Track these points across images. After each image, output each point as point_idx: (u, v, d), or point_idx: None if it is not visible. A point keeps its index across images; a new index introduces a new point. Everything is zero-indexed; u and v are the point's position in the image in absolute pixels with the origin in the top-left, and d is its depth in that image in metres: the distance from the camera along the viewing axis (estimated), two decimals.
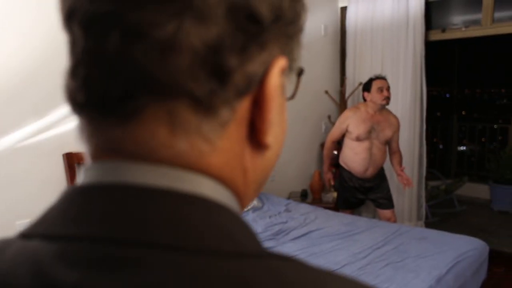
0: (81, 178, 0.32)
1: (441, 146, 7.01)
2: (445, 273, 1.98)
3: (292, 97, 0.39)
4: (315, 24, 4.09)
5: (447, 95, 8.15)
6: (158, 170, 0.28)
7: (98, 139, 0.31)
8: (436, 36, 3.88)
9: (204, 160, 0.30)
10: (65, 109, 2.53)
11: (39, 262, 0.26)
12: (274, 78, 0.31)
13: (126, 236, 0.26)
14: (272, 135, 0.33)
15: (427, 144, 4.04)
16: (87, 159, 0.33)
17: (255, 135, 0.32)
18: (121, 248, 0.25)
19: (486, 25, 3.60)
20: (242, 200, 0.34)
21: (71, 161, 2.52)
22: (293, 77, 0.37)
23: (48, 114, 2.46)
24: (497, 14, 3.57)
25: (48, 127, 2.48)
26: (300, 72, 0.38)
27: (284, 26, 0.32)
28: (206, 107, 0.29)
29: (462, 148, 6.78)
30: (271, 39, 0.31)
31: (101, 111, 0.29)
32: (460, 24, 3.81)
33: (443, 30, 3.84)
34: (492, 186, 5.14)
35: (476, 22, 3.71)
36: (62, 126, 2.53)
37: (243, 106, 0.31)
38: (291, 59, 0.35)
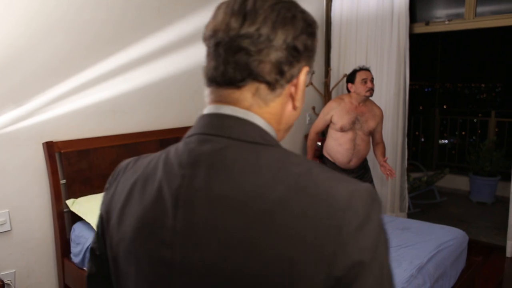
0: (205, 111, 0.66)
1: (422, 139, 7.10)
2: (426, 262, 2.00)
3: (307, 85, 0.68)
4: None
5: (428, 89, 8.25)
6: (238, 109, 0.62)
7: (215, 95, 0.65)
8: (420, 29, 3.91)
9: (261, 109, 0.63)
10: (44, 97, 2.46)
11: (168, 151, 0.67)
12: (303, 76, 0.65)
13: (212, 133, 0.62)
14: (299, 103, 0.67)
15: (409, 137, 4.07)
16: (206, 104, 0.67)
17: (291, 102, 0.66)
18: (209, 136, 0.61)
19: (469, 19, 3.64)
20: (277, 132, 0.66)
21: (51, 150, 2.46)
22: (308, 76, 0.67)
23: (27, 102, 2.40)
24: (480, 9, 3.61)
25: (27, 115, 2.41)
26: (312, 73, 0.70)
27: (307, 52, 0.65)
28: (272, 87, 0.63)
29: (444, 141, 6.89)
30: (302, 58, 0.64)
31: (222, 84, 0.63)
32: (443, 18, 3.84)
33: (427, 23, 3.87)
34: (472, 177, 5.24)
35: (459, 16, 3.74)
36: (42, 114, 2.47)
37: (288, 88, 0.65)
38: (310, 67, 0.66)
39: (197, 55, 3.21)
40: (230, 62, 0.61)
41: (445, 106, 7.91)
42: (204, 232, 0.57)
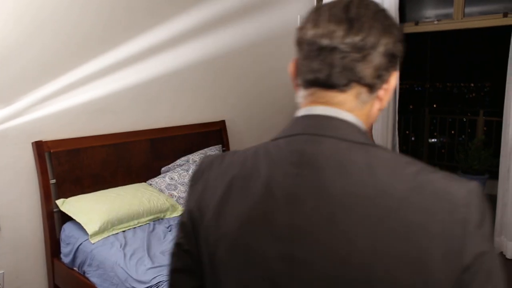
0: (301, 111, 0.68)
1: (413, 138, 7.16)
2: None
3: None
4: (292, 15, 4.08)
5: (419, 89, 8.32)
6: (343, 112, 0.65)
7: (316, 97, 0.67)
8: (410, 28, 3.94)
9: (360, 112, 0.67)
10: (33, 96, 2.44)
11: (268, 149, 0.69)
12: (393, 80, 0.69)
13: (320, 133, 0.64)
14: (385, 103, 0.70)
15: (400, 136, 4.10)
16: (301, 105, 0.70)
17: (379, 103, 0.69)
18: (318, 137, 0.64)
19: (457, 19, 3.68)
20: (366, 126, 0.68)
21: (41, 149, 2.45)
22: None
23: (15, 101, 2.38)
24: (468, 9, 3.65)
25: (15, 114, 2.39)
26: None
27: (399, 58, 0.69)
28: (371, 90, 0.66)
29: (433, 140, 6.95)
30: (395, 64, 0.67)
31: (327, 86, 0.66)
32: (432, 18, 3.88)
33: (417, 23, 3.91)
34: (461, 176, 5.28)
35: (448, 16, 3.78)
36: (31, 113, 2.45)
37: (381, 90, 0.68)
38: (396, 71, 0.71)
39: (187, 54, 3.21)
40: (336, 66, 0.64)
41: (435, 106, 7.98)
42: (327, 229, 0.59)
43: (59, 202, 2.47)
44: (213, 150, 3.20)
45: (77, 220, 2.35)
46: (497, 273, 0.59)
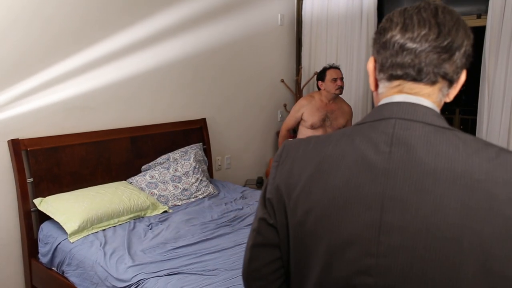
0: (385, 100, 0.78)
1: None
2: None
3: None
4: (272, 13, 4.10)
5: None
6: (430, 102, 0.75)
7: (405, 88, 0.76)
8: None
9: (440, 102, 0.77)
10: (8, 93, 2.40)
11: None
12: (463, 77, 0.77)
13: (411, 119, 0.73)
14: (452, 97, 0.79)
15: None
16: (383, 96, 0.80)
17: (448, 96, 0.79)
18: (409, 122, 0.73)
19: None
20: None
21: (17, 147, 2.40)
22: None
23: None
24: None
25: None
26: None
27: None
28: (451, 85, 0.76)
29: None
30: (468, 63, 0.76)
31: (417, 79, 0.75)
32: None
33: None
34: None
35: None
36: (6, 111, 2.40)
37: (455, 85, 0.78)
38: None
39: (166, 52, 3.19)
40: (428, 64, 0.73)
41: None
42: (417, 196, 0.69)
43: (36, 201, 2.43)
44: (194, 148, 3.20)
45: (56, 219, 2.31)
46: None
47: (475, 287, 0.66)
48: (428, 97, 0.76)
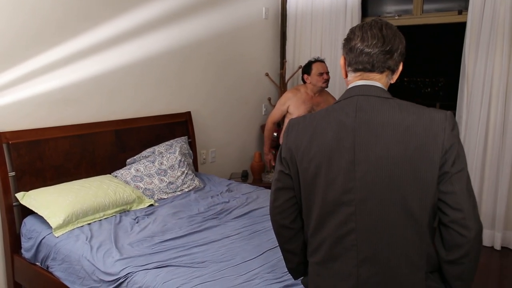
0: (352, 84, 1.23)
1: None
2: None
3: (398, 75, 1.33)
4: (257, 7, 4.09)
5: None
6: (379, 84, 1.21)
7: (364, 76, 1.22)
8: None
9: (386, 84, 1.23)
10: None
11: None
12: (400, 67, 1.25)
13: (368, 94, 1.18)
14: (395, 79, 1.26)
15: None
16: (350, 82, 1.25)
17: (392, 78, 1.26)
18: (367, 96, 1.18)
19: (416, 15, 3.82)
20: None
21: None
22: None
23: None
24: (426, 6, 3.81)
25: None
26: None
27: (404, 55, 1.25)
28: (392, 72, 1.23)
29: None
30: (403, 58, 1.24)
31: (371, 70, 1.21)
32: (393, 13, 4.01)
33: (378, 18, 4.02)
34: None
35: (407, 12, 3.92)
36: None
37: (395, 72, 1.25)
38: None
39: (150, 44, 3.15)
40: (378, 61, 1.19)
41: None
42: (373, 139, 1.14)
43: (19, 195, 2.38)
44: (179, 142, 3.17)
45: (40, 213, 2.27)
46: (462, 155, 1.13)
47: (411, 189, 1.12)
48: (378, 80, 1.22)
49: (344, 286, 1.20)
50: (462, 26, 3.45)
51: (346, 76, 1.27)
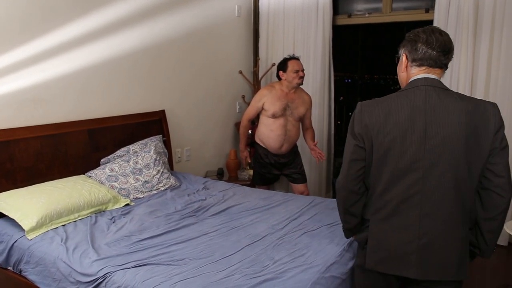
0: (417, 76, 1.53)
1: (343, 129, 7.48)
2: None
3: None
4: (229, 4, 4.09)
5: (348, 80, 8.70)
6: (436, 76, 1.53)
7: (428, 71, 1.53)
8: (343, 20, 4.12)
9: (441, 77, 1.56)
10: None
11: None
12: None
13: (433, 85, 1.50)
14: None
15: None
16: (415, 74, 1.55)
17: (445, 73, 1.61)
18: (431, 87, 1.50)
19: (386, 13, 3.92)
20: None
21: None
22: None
23: None
24: (395, 5, 3.91)
25: None
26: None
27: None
28: (445, 69, 1.57)
29: None
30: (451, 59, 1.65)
31: (434, 66, 1.53)
32: (363, 11, 4.09)
33: (349, 16, 4.10)
34: None
35: (377, 10, 4.01)
36: None
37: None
38: None
39: (121, 43, 3.11)
40: (438, 59, 1.50)
41: (362, 100, 8.36)
42: (442, 121, 1.44)
43: None
44: (153, 141, 3.14)
45: (11, 216, 2.21)
46: (505, 136, 1.47)
47: (467, 160, 1.44)
48: (438, 74, 1.53)
49: (407, 236, 1.50)
50: (429, 24, 3.55)
51: (405, 69, 1.57)
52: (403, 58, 1.57)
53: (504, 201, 1.46)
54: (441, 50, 1.48)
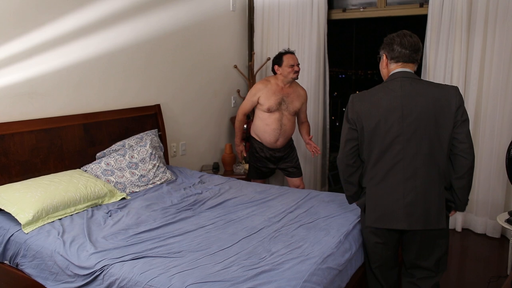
0: (395, 70, 1.95)
1: (337, 124, 7.51)
2: (351, 229, 2.18)
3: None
4: None
5: (342, 76, 8.72)
6: (409, 69, 1.95)
7: (403, 66, 1.95)
8: (338, 15, 4.13)
9: (414, 70, 1.99)
10: None
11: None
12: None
13: (408, 76, 1.92)
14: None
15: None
16: (393, 69, 1.98)
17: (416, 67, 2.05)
18: (406, 78, 1.92)
19: (380, 7, 3.93)
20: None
21: None
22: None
23: None
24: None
25: None
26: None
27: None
28: (417, 63, 1.99)
29: None
30: (420, 55, 2.11)
31: (408, 62, 1.95)
32: (358, 6, 4.10)
33: (344, 10, 4.10)
34: None
35: (372, 5, 4.02)
36: None
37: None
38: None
39: (116, 37, 3.10)
40: (410, 56, 1.91)
41: (357, 92, 8.40)
42: (414, 103, 1.84)
43: None
44: (149, 135, 3.14)
45: (7, 210, 2.20)
46: (466, 111, 1.86)
47: (438, 131, 1.84)
48: (411, 68, 1.93)
49: (395, 196, 1.90)
50: (423, 18, 3.57)
51: (386, 67, 1.98)
52: (383, 57, 1.98)
53: (467, 162, 1.85)
54: (412, 49, 1.89)
